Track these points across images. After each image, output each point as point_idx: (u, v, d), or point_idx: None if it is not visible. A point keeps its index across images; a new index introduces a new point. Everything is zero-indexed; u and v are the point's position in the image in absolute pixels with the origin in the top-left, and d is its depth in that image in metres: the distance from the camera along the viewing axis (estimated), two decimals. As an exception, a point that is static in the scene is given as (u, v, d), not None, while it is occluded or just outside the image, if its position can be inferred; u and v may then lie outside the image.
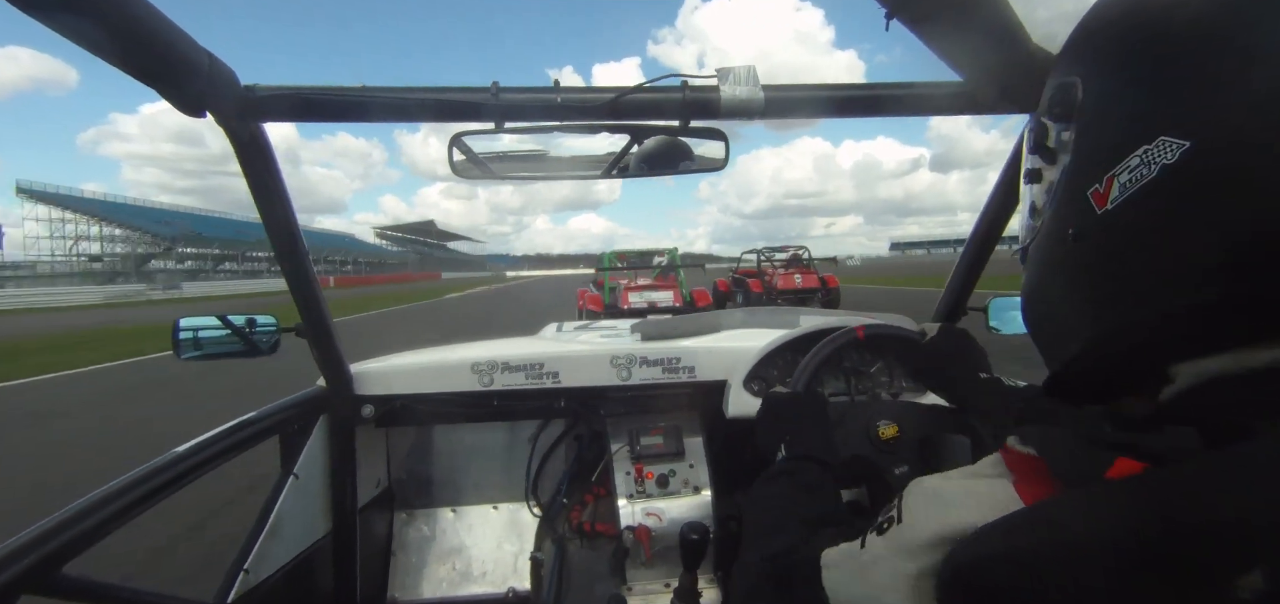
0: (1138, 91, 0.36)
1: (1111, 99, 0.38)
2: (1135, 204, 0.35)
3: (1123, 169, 0.36)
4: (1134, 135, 0.35)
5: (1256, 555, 0.25)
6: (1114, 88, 0.38)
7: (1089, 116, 0.40)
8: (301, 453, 1.26)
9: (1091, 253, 0.39)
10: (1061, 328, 0.43)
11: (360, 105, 0.81)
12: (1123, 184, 0.36)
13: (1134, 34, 0.38)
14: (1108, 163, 0.37)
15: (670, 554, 1.31)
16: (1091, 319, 0.39)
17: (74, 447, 4.62)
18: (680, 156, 0.93)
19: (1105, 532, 0.29)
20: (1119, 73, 0.38)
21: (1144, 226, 0.35)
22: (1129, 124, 0.36)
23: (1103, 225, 0.37)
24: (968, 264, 1.30)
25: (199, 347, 1.25)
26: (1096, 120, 0.39)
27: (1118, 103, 0.38)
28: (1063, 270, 0.42)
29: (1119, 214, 0.36)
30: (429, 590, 1.69)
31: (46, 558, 0.71)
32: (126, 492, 0.83)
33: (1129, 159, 0.35)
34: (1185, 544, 0.27)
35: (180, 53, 0.69)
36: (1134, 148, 0.35)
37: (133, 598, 0.83)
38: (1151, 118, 0.35)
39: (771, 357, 1.36)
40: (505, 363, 1.44)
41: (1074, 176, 0.40)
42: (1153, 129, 0.35)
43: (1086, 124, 0.40)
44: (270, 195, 0.96)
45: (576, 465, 1.62)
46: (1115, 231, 0.37)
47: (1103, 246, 0.38)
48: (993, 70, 0.83)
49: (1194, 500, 0.28)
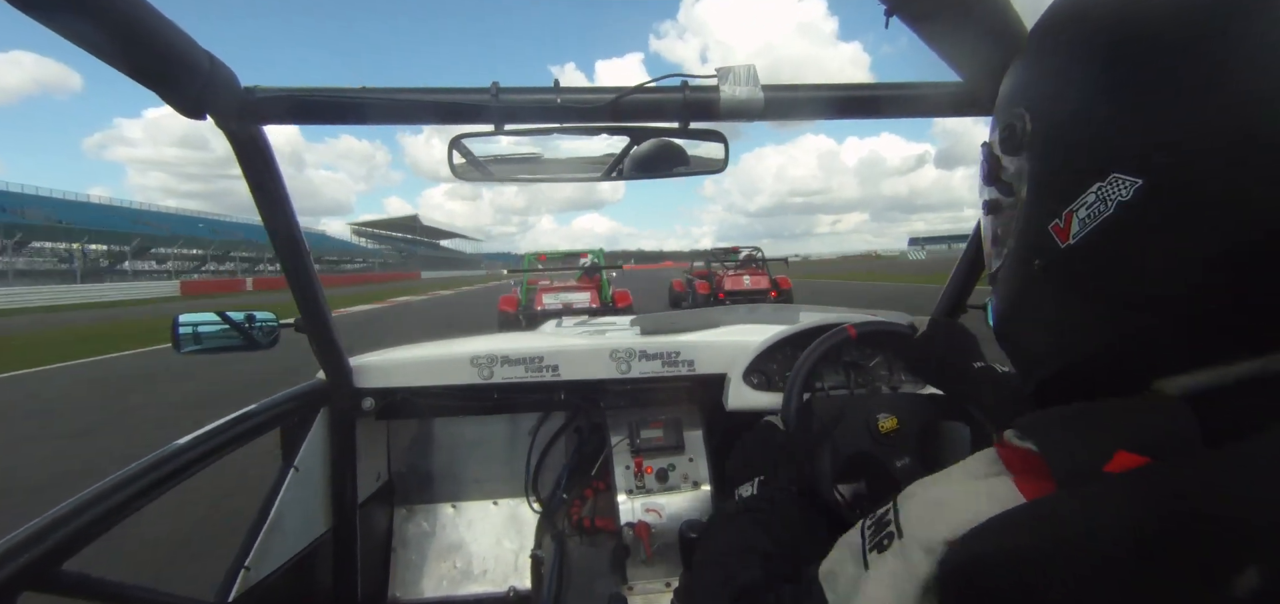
0: (1085, 126, 0.37)
1: (1061, 131, 0.39)
2: (1096, 238, 0.36)
3: (1079, 205, 0.36)
4: (1087, 171, 0.36)
5: (1254, 554, 0.26)
6: (1062, 121, 0.39)
7: (1039, 149, 0.40)
8: (302, 446, 1.26)
9: (1060, 284, 0.40)
10: (1034, 351, 0.44)
11: (360, 107, 0.81)
12: (1081, 220, 0.36)
13: (1076, 64, 0.38)
14: (1064, 198, 0.37)
15: (670, 552, 1.32)
16: (1059, 347, 0.41)
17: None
18: (679, 159, 0.93)
19: (1104, 529, 0.29)
20: (1064, 106, 0.38)
21: (1105, 259, 0.36)
22: (1080, 159, 0.37)
23: (1066, 259, 0.38)
24: (969, 262, 1.30)
25: (198, 341, 1.26)
26: (1049, 154, 0.39)
27: (1068, 135, 0.38)
28: (1031, 299, 0.43)
29: (1080, 249, 0.37)
30: (430, 589, 1.69)
31: (46, 554, 0.71)
32: (126, 486, 0.83)
33: (1084, 195, 0.36)
34: (1183, 542, 0.27)
35: (181, 54, 0.69)
36: (1089, 184, 0.36)
37: (133, 595, 0.84)
38: (1101, 154, 0.35)
39: (771, 351, 1.37)
40: (505, 356, 1.44)
41: (1033, 209, 0.40)
42: (1105, 166, 0.35)
43: (1038, 157, 0.40)
44: (270, 197, 0.96)
45: (576, 460, 1.63)
46: (1079, 264, 0.38)
47: (1070, 278, 0.39)
48: (993, 71, 0.83)
49: (1193, 499, 0.28)
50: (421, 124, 0.85)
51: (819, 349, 1.14)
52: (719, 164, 0.95)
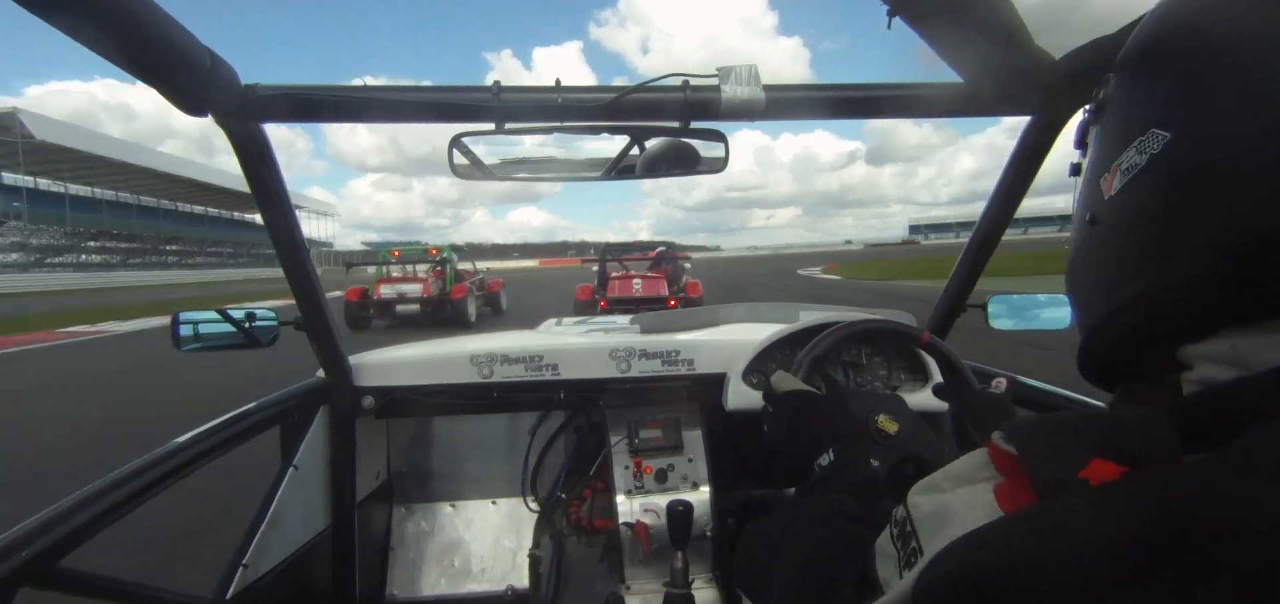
0: (1139, 89, 0.40)
1: (1122, 96, 0.42)
2: (1130, 190, 0.38)
3: (1124, 159, 0.39)
4: (1133, 127, 0.39)
5: (1229, 568, 0.25)
6: (1125, 87, 0.42)
7: (1107, 112, 0.43)
8: (301, 444, 1.26)
9: (1102, 236, 0.42)
10: (1086, 304, 0.46)
11: (360, 105, 0.81)
12: (1123, 172, 0.39)
13: (1147, 41, 0.41)
14: (1114, 153, 0.40)
15: (668, 552, 1.33)
16: (1104, 296, 0.42)
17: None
18: (680, 158, 0.93)
19: (1080, 544, 0.29)
20: (1130, 74, 0.42)
21: (1136, 211, 0.38)
22: (1130, 117, 0.40)
23: (1109, 209, 0.41)
24: (969, 262, 1.31)
25: (198, 339, 1.26)
26: (1111, 115, 0.43)
27: (1125, 100, 0.41)
28: (1085, 253, 0.45)
29: (1119, 200, 0.40)
30: (428, 587, 1.70)
31: (44, 552, 0.71)
32: (124, 484, 0.84)
33: (1128, 150, 0.39)
34: (1157, 556, 0.27)
35: (182, 52, 0.69)
36: (1132, 139, 0.38)
37: (132, 592, 0.84)
38: (1145, 111, 0.38)
39: (770, 350, 1.36)
40: (505, 355, 1.44)
41: (1093, 167, 0.44)
42: (1145, 121, 0.38)
43: (1105, 119, 0.43)
44: (270, 194, 0.96)
45: (575, 459, 1.63)
46: (1117, 215, 0.40)
47: (1109, 230, 0.41)
48: (993, 70, 0.83)
49: (1166, 510, 0.28)
50: (422, 123, 0.85)
51: (866, 332, 1.17)
52: (720, 164, 0.95)
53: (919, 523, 0.40)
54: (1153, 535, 0.27)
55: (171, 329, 1.23)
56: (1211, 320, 0.36)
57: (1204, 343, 0.37)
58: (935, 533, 0.38)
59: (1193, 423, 0.33)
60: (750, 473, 1.50)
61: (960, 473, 0.40)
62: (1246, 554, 0.25)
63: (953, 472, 0.40)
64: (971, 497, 0.37)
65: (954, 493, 0.39)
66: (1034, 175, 1.11)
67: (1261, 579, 0.25)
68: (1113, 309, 0.41)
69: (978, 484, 0.37)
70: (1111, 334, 0.43)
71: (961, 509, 0.37)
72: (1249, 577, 0.25)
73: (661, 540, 1.34)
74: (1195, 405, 0.35)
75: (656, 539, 1.36)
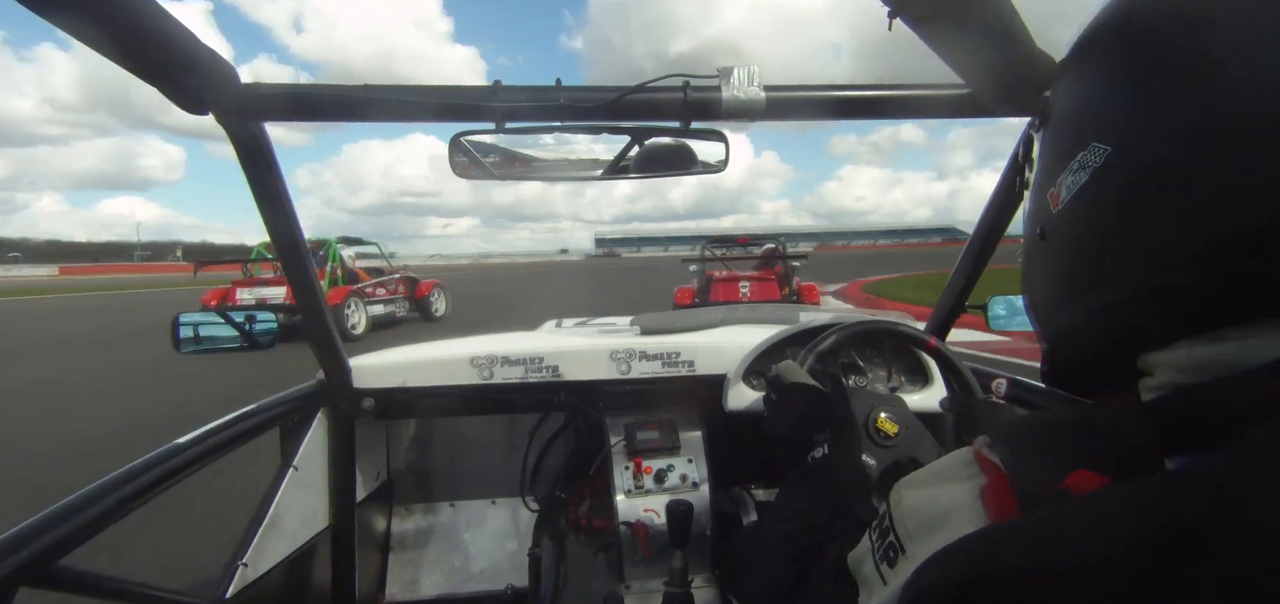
0: (1080, 103, 0.40)
1: (1065, 109, 0.42)
2: (1074, 204, 0.38)
3: (1067, 172, 0.39)
4: (1075, 141, 0.39)
5: (1209, 579, 0.25)
6: (1068, 99, 0.42)
7: (1052, 124, 0.43)
8: (301, 445, 1.26)
9: (1051, 250, 0.42)
10: (1043, 318, 0.45)
11: (361, 104, 0.81)
12: (1068, 186, 0.39)
13: (1082, 44, 0.42)
14: (1057, 167, 0.40)
15: (667, 552, 1.32)
16: (1059, 310, 0.42)
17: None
18: (681, 158, 0.93)
19: (1062, 557, 0.28)
20: (1072, 87, 0.42)
21: (1081, 225, 0.38)
22: (1073, 130, 0.39)
23: (1056, 224, 0.40)
24: (968, 265, 1.31)
25: (198, 341, 1.26)
26: (1055, 127, 0.42)
27: (1068, 112, 0.41)
28: (1036, 267, 0.45)
29: (1065, 214, 0.39)
30: (427, 587, 1.69)
31: (44, 551, 0.71)
32: (124, 484, 0.83)
33: (1071, 163, 0.39)
34: (1139, 568, 0.26)
35: (182, 50, 0.69)
36: (1075, 153, 0.38)
37: (131, 592, 0.84)
38: (1086, 125, 0.38)
39: (771, 351, 1.37)
40: (504, 357, 1.44)
41: (1039, 181, 0.43)
42: (1086, 136, 0.38)
43: (1049, 130, 0.43)
44: (270, 194, 0.96)
45: (574, 460, 1.63)
46: (1064, 230, 0.40)
47: (1057, 244, 0.41)
48: (994, 73, 0.83)
49: (1148, 521, 0.27)
50: (422, 122, 0.85)
51: (870, 332, 1.17)
52: (720, 164, 0.95)
53: (898, 519, 0.40)
54: (1142, 546, 0.26)
55: (171, 332, 1.23)
56: (1167, 331, 0.36)
57: (1163, 352, 0.36)
58: (916, 530, 0.38)
59: (1168, 426, 0.32)
60: (750, 474, 1.50)
61: (945, 471, 0.40)
62: (1242, 564, 0.25)
63: (937, 469, 0.40)
64: (956, 495, 0.37)
65: (938, 489, 0.39)
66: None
67: (1258, 588, 0.24)
68: (1071, 323, 0.41)
69: (963, 483, 0.37)
70: (1070, 347, 0.42)
71: (945, 508, 0.37)
72: (1243, 586, 0.24)
73: (661, 540, 1.34)
74: (1166, 408, 0.35)
75: (656, 539, 1.36)
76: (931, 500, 0.38)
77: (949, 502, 0.37)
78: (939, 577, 0.33)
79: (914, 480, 0.41)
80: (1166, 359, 0.36)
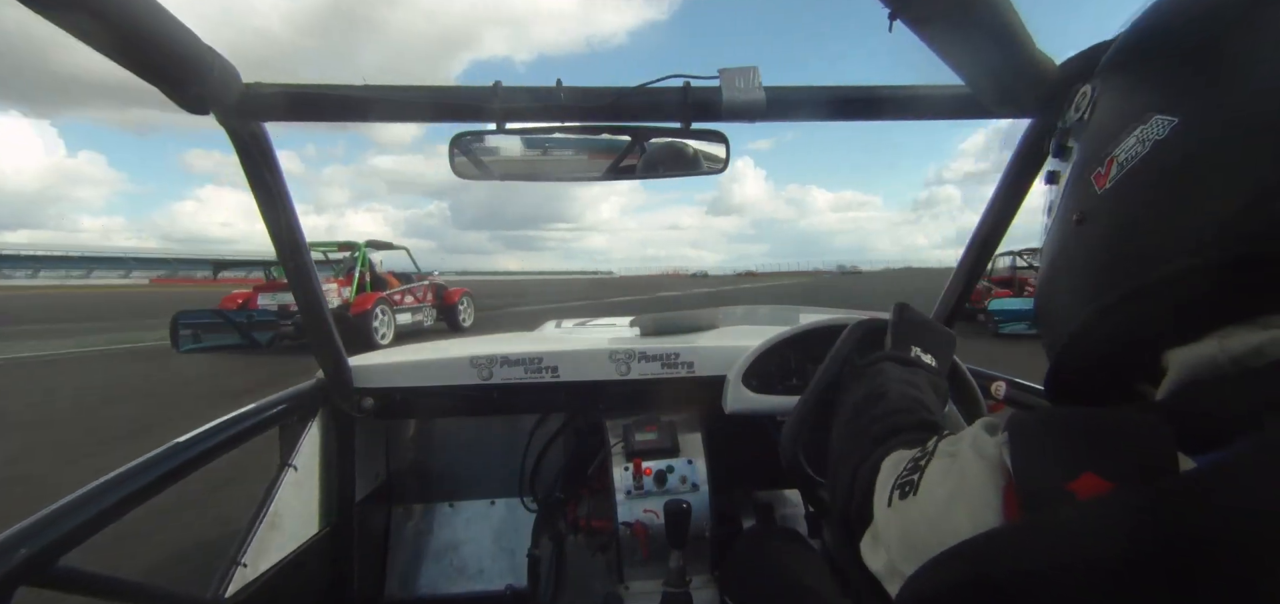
0: (1136, 80, 0.39)
1: (1114, 91, 0.41)
2: (1129, 180, 0.37)
3: (1120, 150, 0.38)
4: (1131, 117, 0.38)
5: (1215, 593, 0.25)
6: (1117, 82, 0.41)
7: (1096, 110, 0.42)
8: (300, 445, 1.26)
9: (1093, 233, 0.40)
10: (1064, 312, 0.44)
11: (361, 104, 0.81)
12: (1120, 163, 0.38)
13: (1138, 38, 0.41)
14: (1109, 146, 0.39)
15: (666, 552, 1.32)
16: (1089, 297, 0.40)
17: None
18: (681, 159, 0.93)
19: (1064, 564, 0.28)
20: (1122, 70, 0.41)
21: (1137, 202, 0.37)
22: (1126, 108, 0.39)
23: (1102, 203, 0.39)
24: (967, 268, 1.31)
25: (198, 340, 1.26)
26: (1101, 111, 0.42)
27: (1119, 93, 0.41)
28: (1068, 255, 0.43)
29: (1115, 191, 0.38)
30: (426, 586, 1.69)
31: (43, 551, 0.71)
32: (123, 483, 0.83)
33: (1126, 139, 0.37)
34: (1141, 578, 0.26)
35: (184, 51, 0.69)
36: (1131, 128, 0.37)
37: (131, 591, 0.84)
38: (1146, 99, 0.37)
39: (770, 353, 1.36)
40: (504, 357, 1.44)
41: (1081, 165, 0.42)
42: (1147, 109, 0.37)
43: (1094, 117, 0.42)
44: (271, 194, 0.96)
45: (574, 461, 1.62)
46: (1113, 208, 0.39)
47: (1102, 225, 0.40)
48: (995, 74, 0.83)
49: (1151, 531, 0.27)
50: (423, 121, 0.85)
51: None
52: (721, 164, 0.95)
53: (930, 466, 0.41)
54: (1139, 560, 0.26)
55: (171, 331, 1.23)
56: (1203, 318, 0.35)
57: (1189, 347, 0.35)
58: (936, 486, 0.39)
59: (1188, 425, 0.31)
60: (750, 475, 1.49)
61: (984, 448, 0.39)
62: (1245, 571, 0.24)
63: (979, 443, 0.40)
64: (980, 475, 0.37)
65: (969, 460, 0.38)
66: (1034, 178, 1.11)
67: (1259, 596, 0.24)
68: (1099, 311, 0.39)
69: (992, 465, 0.37)
70: (1084, 347, 0.41)
71: (966, 482, 0.37)
72: (1247, 594, 0.24)
73: (660, 541, 1.33)
74: (1186, 406, 0.34)
75: (655, 540, 1.35)
76: (959, 469, 0.38)
77: (973, 479, 0.37)
78: (938, 581, 0.33)
79: (955, 442, 0.41)
80: (1189, 355, 0.35)
